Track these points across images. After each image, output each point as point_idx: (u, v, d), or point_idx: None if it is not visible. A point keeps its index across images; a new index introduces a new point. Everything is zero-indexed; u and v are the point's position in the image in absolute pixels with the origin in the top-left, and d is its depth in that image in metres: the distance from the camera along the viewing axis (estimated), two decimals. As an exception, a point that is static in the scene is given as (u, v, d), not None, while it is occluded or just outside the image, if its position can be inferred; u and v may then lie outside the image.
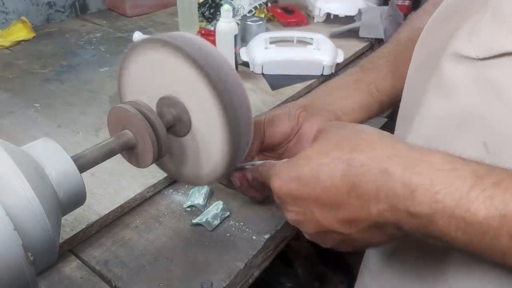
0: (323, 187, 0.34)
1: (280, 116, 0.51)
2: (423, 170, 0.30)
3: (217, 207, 0.53)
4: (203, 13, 1.06)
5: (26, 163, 0.32)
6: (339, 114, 0.53)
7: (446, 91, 0.37)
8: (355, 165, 0.32)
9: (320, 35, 0.93)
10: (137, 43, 0.42)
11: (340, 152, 0.33)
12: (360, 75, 0.57)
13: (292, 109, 0.52)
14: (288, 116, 0.51)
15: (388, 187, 0.31)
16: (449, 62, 0.37)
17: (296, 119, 0.51)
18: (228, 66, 0.41)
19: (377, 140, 0.33)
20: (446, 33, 0.40)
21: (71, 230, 0.49)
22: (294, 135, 0.51)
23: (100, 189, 0.56)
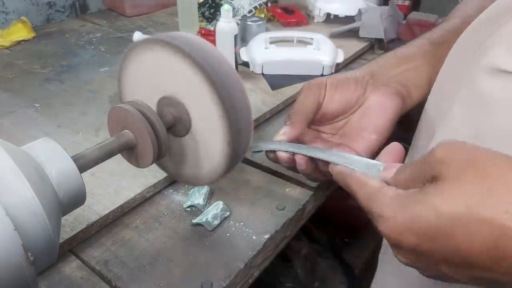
0: (459, 249, 0.25)
1: (347, 81, 0.45)
2: None
3: (217, 207, 0.53)
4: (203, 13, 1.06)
5: (26, 163, 0.32)
6: (410, 87, 0.47)
7: (480, 105, 0.33)
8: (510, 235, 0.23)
9: (320, 35, 0.93)
10: (137, 43, 0.42)
11: (490, 212, 0.24)
12: (428, 48, 0.51)
13: (359, 75, 0.46)
14: (356, 81, 0.45)
15: None
16: (485, 76, 0.33)
17: (364, 86, 0.45)
18: (228, 66, 0.41)
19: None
20: (480, 40, 0.37)
21: (71, 230, 0.49)
22: (359, 107, 0.46)
23: (100, 189, 0.56)
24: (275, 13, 1.17)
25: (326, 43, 0.90)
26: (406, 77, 0.48)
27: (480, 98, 0.33)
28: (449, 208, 0.24)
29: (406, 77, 0.48)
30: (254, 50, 0.89)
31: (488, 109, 0.32)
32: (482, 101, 0.33)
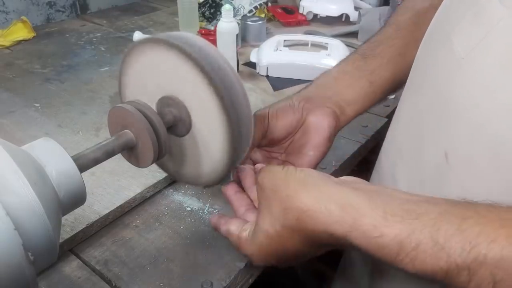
0: (293, 253, 0.38)
1: (284, 109, 0.51)
2: None
3: None
4: (203, 13, 1.06)
5: (26, 163, 0.32)
6: (343, 105, 0.52)
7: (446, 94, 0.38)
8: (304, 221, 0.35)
9: (337, 41, 0.91)
10: (137, 43, 0.42)
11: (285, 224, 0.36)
12: (360, 63, 0.55)
13: (296, 101, 0.51)
14: (292, 108, 0.51)
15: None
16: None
17: (300, 111, 0.51)
18: (228, 66, 0.41)
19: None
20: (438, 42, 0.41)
21: (71, 230, 0.49)
22: (299, 128, 0.51)
23: (100, 189, 0.56)
24: (275, 13, 1.17)
25: (340, 49, 0.88)
26: (341, 96, 0.53)
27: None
28: (271, 228, 0.37)
29: (340, 96, 0.53)
30: (263, 52, 0.88)
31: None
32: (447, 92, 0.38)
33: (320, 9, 1.13)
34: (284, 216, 0.35)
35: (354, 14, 1.10)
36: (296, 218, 0.34)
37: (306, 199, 0.34)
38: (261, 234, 0.38)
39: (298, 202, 0.34)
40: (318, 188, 0.34)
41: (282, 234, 0.36)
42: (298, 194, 0.34)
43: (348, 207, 0.32)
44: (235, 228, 0.42)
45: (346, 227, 0.31)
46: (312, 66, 0.85)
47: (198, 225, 0.53)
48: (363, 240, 0.31)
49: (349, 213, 0.31)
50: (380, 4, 1.20)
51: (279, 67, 0.87)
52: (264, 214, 0.37)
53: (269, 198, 0.37)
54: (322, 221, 0.32)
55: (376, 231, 0.30)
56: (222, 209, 0.55)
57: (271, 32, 1.08)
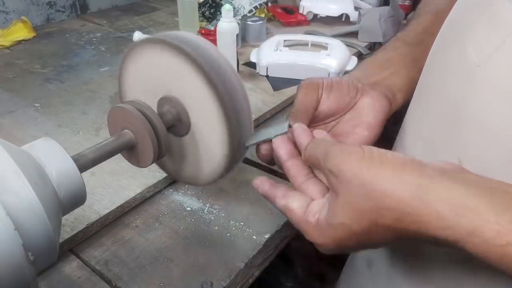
0: (370, 242, 0.34)
1: (340, 83, 0.47)
2: None
3: None
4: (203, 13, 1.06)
5: (26, 163, 0.32)
6: (394, 90, 0.50)
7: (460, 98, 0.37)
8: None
9: (337, 41, 0.91)
10: (137, 43, 0.42)
11: (373, 219, 0.31)
12: (404, 50, 0.53)
13: (350, 80, 0.48)
14: (348, 85, 0.47)
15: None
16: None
17: (355, 90, 0.47)
18: (228, 66, 0.41)
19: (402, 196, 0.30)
20: (456, 36, 0.39)
21: (71, 230, 0.49)
22: (351, 108, 0.48)
23: (100, 188, 0.56)
24: (275, 13, 1.17)
25: (339, 49, 0.88)
26: (389, 82, 0.50)
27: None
28: (356, 224, 0.31)
29: (389, 82, 0.50)
30: (263, 52, 0.88)
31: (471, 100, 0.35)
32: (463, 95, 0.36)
33: (320, 9, 1.13)
34: (377, 215, 0.30)
35: (354, 14, 1.10)
36: (395, 219, 0.29)
37: (407, 198, 0.29)
38: (340, 228, 0.32)
39: (396, 202, 0.29)
40: (421, 186, 0.29)
41: (371, 230, 0.31)
42: (396, 192, 0.29)
43: (464, 209, 0.27)
44: (299, 206, 0.36)
45: (463, 233, 0.27)
46: (312, 66, 0.85)
47: (198, 225, 0.53)
48: (484, 248, 0.27)
49: (466, 217, 0.27)
50: (380, 4, 1.20)
51: (279, 67, 0.87)
52: (344, 207, 0.32)
53: (352, 191, 0.31)
54: (430, 225, 0.28)
55: (502, 239, 0.26)
56: (222, 209, 0.55)
57: (271, 32, 1.08)
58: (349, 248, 0.35)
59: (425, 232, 0.29)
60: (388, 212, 0.30)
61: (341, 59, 0.86)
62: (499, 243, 0.26)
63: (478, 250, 0.27)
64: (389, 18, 1.02)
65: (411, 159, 0.31)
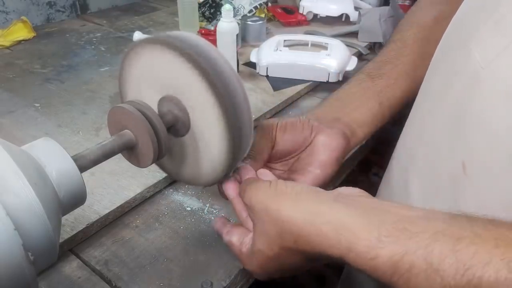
0: (294, 267, 0.38)
1: (294, 123, 0.50)
2: None
3: None
4: (203, 13, 1.06)
5: (26, 163, 0.32)
6: (354, 127, 0.52)
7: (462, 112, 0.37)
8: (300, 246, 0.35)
9: (337, 41, 0.91)
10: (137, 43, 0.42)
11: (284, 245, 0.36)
12: (368, 84, 0.55)
13: (305, 119, 0.50)
14: (302, 125, 0.50)
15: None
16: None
17: (309, 129, 0.50)
18: (228, 66, 0.41)
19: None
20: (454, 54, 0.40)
21: (71, 230, 0.49)
22: (307, 146, 0.50)
23: (100, 188, 0.56)
24: (275, 13, 1.17)
25: (340, 49, 0.88)
26: (349, 118, 0.52)
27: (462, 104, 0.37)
28: (268, 250, 0.37)
29: (349, 119, 0.52)
30: (263, 52, 0.88)
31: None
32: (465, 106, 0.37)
33: (320, 9, 1.13)
34: (280, 239, 0.35)
35: (354, 14, 1.10)
36: (295, 242, 0.34)
37: (301, 223, 0.34)
38: (259, 254, 0.38)
39: (293, 226, 0.34)
40: (311, 210, 0.34)
41: (281, 254, 0.36)
42: (292, 218, 0.34)
43: (342, 229, 0.32)
44: (237, 240, 0.42)
45: (343, 249, 0.31)
46: (312, 66, 0.85)
47: (198, 225, 0.53)
48: (359, 261, 0.31)
49: (344, 235, 0.31)
50: (380, 4, 1.20)
51: (279, 67, 0.87)
52: (260, 235, 0.37)
53: (262, 219, 0.37)
54: (319, 245, 0.33)
55: (371, 253, 0.30)
56: (222, 209, 0.55)
57: (271, 32, 1.08)
58: (273, 273, 0.39)
59: (319, 252, 0.33)
60: (288, 236, 0.34)
61: (341, 59, 0.85)
62: (369, 257, 0.30)
63: (356, 264, 0.31)
64: (389, 18, 1.02)
65: (307, 187, 0.36)
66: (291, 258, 0.36)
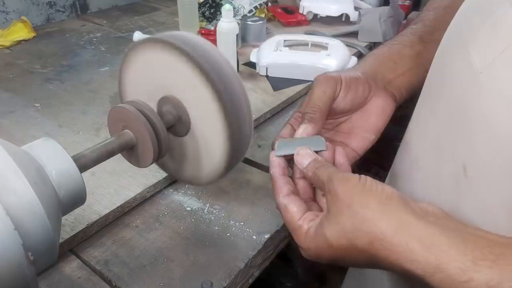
0: (350, 261, 0.37)
1: (358, 81, 0.46)
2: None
3: None
4: (203, 13, 1.06)
5: (26, 163, 0.32)
6: (402, 91, 0.49)
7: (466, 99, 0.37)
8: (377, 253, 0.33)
9: (337, 41, 0.91)
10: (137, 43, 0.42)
11: (361, 243, 0.34)
12: (421, 48, 0.52)
13: (364, 76, 0.47)
14: (363, 83, 0.47)
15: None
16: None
17: (369, 89, 0.47)
18: (228, 66, 0.41)
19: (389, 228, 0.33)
20: (461, 39, 0.39)
21: (71, 230, 0.49)
22: (361, 107, 0.48)
23: (100, 188, 0.56)
24: (275, 13, 1.17)
25: (340, 49, 0.88)
26: (400, 81, 0.50)
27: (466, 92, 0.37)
28: (335, 240, 0.35)
29: (399, 82, 0.50)
30: (263, 52, 0.88)
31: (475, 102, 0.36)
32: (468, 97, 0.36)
33: (320, 9, 1.13)
34: (354, 235, 0.33)
35: (354, 14, 1.10)
36: (369, 243, 0.33)
37: (386, 228, 0.32)
38: (323, 240, 0.36)
39: (375, 228, 0.32)
40: (399, 219, 0.32)
41: (347, 249, 0.34)
42: (377, 220, 0.32)
43: (433, 247, 0.30)
44: (297, 210, 0.39)
45: (429, 268, 0.30)
46: (312, 66, 0.85)
47: (198, 225, 0.53)
48: (448, 283, 0.29)
49: (434, 254, 0.30)
50: (380, 4, 1.20)
51: (279, 67, 0.87)
52: (332, 223, 0.35)
53: (342, 210, 0.35)
54: (399, 255, 0.31)
55: (465, 276, 0.28)
56: (222, 209, 0.55)
57: (271, 32, 1.08)
58: (325, 259, 0.38)
59: (394, 261, 0.31)
60: (363, 235, 0.33)
61: (341, 59, 0.85)
62: (462, 280, 0.28)
63: (442, 286, 0.29)
64: (389, 18, 1.02)
65: (398, 193, 0.34)
66: (354, 256, 0.35)
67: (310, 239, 0.37)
